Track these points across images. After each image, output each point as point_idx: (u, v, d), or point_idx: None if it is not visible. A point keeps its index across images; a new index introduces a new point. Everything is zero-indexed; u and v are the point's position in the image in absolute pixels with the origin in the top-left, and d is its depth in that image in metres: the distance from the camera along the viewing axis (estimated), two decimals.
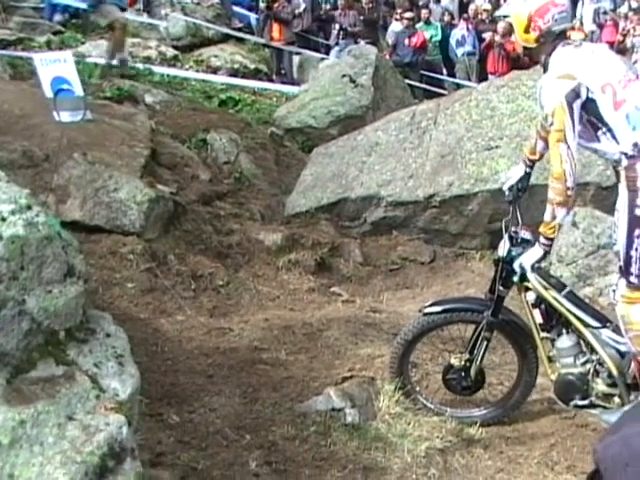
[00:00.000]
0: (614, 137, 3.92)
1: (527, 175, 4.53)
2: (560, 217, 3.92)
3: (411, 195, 7.33)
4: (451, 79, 15.54)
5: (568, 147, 3.82)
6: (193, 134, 8.91)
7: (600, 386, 4.15)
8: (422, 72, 15.17)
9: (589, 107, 3.90)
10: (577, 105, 3.85)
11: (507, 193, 4.52)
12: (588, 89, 3.86)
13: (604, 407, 4.16)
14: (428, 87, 14.76)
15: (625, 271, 3.90)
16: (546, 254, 4.09)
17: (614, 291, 4.04)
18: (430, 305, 4.55)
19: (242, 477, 3.79)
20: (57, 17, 14.34)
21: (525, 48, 4.12)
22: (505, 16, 4.20)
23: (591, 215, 6.22)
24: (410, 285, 6.92)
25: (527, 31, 4.00)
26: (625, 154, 3.89)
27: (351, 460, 4.04)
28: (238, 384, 4.62)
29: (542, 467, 4.21)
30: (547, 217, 3.95)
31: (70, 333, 3.16)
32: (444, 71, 15.89)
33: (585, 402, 4.18)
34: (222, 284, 6.19)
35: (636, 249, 3.83)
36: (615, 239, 4.00)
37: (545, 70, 4.07)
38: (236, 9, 17.76)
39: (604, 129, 3.93)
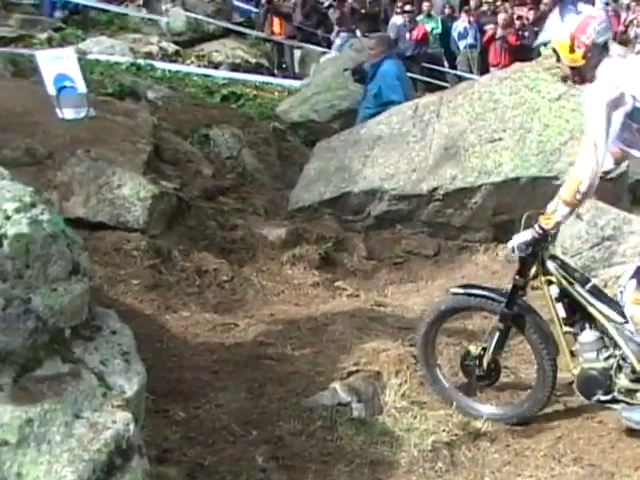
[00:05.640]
0: None
1: None
2: (560, 214, 3.91)
3: (414, 188, 7.31)
4: (453, 71, 15.53)
5: (596, 153, 3.78)
6: (195, 129, 8.89)
7: (623, 381, 4.13)
8: (423, 65, 15.16)
9: (636, 116, 3.87)
10: (617, 115, 3.81)
11: None
12: (635, 98, 3.82)
13: (627, 403, 4.15)
14: (430, 80, 14.75)
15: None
16: (537, 241, 4.04)
17: (622, 292, 4.04)
18: (459, 287, 4.62)
19: (249, 473, 3.79)
20: (57, 14, 14.40)
21: (573, 69, 4.04)
22: (545, 44, 4.14)
23: (595, 207, 6.19)
24: (414, 279, 6.90)
25: (572, 51, 3.94)
26: None
27: (358, 455, 4.04)
28: (244, 379, 4.62)
29: (548, 459, 4.19)
30: (550, 208, 3.94)
31: (76, 331, 3.16)
32: (445, 64, 15.88)
33: (608, 397, 4.18)
34: (226, 280, 6.17)
35: None
36: None
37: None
38: (237, 3, 17.80)
39: None
